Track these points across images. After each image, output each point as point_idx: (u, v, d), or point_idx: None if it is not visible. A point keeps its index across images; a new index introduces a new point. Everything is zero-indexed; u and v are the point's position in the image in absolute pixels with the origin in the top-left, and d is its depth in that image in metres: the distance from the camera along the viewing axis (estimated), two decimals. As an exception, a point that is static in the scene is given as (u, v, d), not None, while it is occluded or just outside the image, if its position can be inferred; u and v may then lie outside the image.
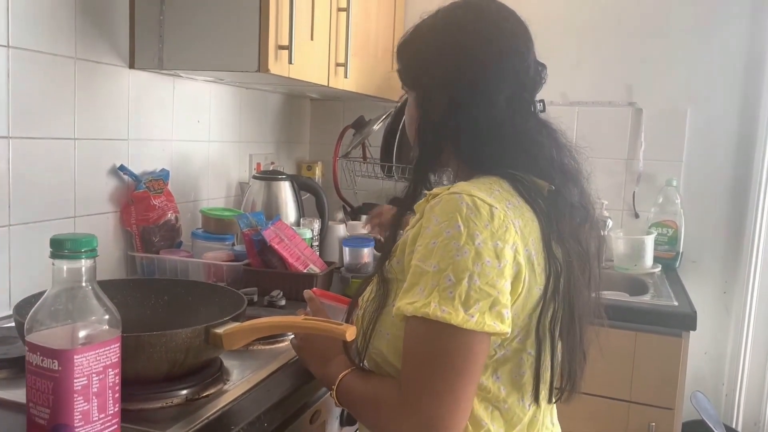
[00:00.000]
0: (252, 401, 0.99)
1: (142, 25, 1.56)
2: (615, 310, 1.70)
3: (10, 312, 1.28)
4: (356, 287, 1.03)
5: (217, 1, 1.51)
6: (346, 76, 1.87)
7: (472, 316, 0.79)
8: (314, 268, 1.56)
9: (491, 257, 0.81)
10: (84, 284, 0.73)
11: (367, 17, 2.09)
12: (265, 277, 1.52)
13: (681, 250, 2.22)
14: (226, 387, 1.02)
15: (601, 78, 2.31)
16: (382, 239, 1.53)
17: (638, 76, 2.27)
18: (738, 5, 2.16)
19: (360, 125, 2.22)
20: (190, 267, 1.60)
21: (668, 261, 2.20)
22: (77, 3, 1.42)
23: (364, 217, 1.79)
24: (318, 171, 2.49)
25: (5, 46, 1.26)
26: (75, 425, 0.70)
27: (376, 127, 2.19)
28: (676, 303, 1.75)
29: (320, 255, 1.71)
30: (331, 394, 0.95)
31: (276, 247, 1.52)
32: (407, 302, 0.82)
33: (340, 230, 1.90)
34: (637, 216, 2.31)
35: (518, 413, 0.91)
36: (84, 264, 0.72)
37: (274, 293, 1.46)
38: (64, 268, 0.72)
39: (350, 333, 0.87)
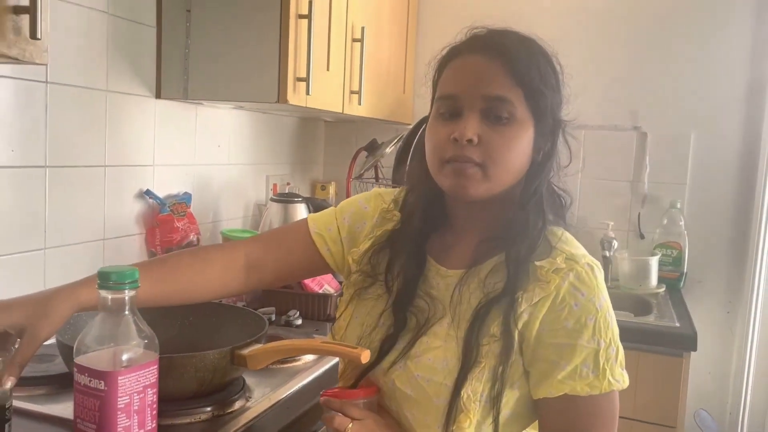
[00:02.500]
0: (273, 418, 1.06)
1: (168, 58, 1.65)
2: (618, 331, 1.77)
3: (45, 330, 1.37)
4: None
5: (239, 35, 1.60)
6: (359, 103, 1.96)
7: (625, 374, 0.87)
8: (329, 288, 1.63)
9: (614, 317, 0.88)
10: (126, 312, 0.81)
11: (379, 46, 2.17)
12: (282, 297, 1.60)
13: (685, 271, 2.28)
14: (248, 404, 1.09)
15: (606, 103, 2.38)
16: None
17: (643, 101, 2.34)
18: (740, 32, 2.23)
19: (373, 148, 2.30)
20: (211, 286, 1.68)
21: (672, 281, 2.26)
22: (109, 39, 1.51)
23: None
24: (332, 190, 2.57)
25: (44, 82, 1.36)
26: (118, 440, 0.78)
27: (388, 150, 2.27)
28: (678, 324, 1.81)
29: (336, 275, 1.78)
30: None
31: (293, 268, 1.60)
32: (581, 384, 0.82)
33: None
34: (642, 237, 2.37)
35: None
36: (127, 294, 0.80)
37: (291, 313, 1.54)
38: (109, 297, 0.80)
39: (365, 356, 0.92)
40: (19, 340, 0.82)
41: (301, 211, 1.91)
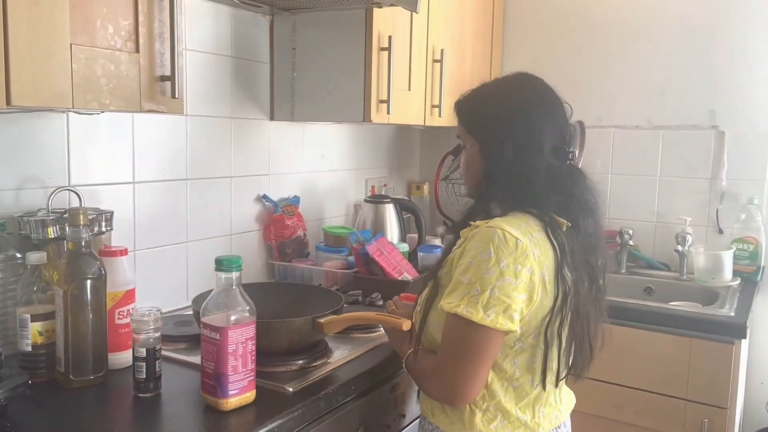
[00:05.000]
0: (345, 371, 1.39)
1: (279, 88, 2.04)
2: (672, 319, 1.95)
3: (188, 303, 1.80)
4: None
5: (332, 67, 1.95)
6: (440, 115, 2.25)
7: (489, 316, 1.11)
8: (407, 276, 1.95)
9: (510, 276, 1.11)
10: (234, 287, 1.17)
11: (463, 60, 2.44)
12: (368, 282, 1.94)
13: (762, 264, 2.35)
14: (329, 360, 1.43)
15: (685, 103, 2.49)
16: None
17: (721, 101, 2.42)
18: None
19: (458, 151, 2.57)
20: (314, 273, 2.05)
21: (749, 275, 2.34)
22: (232, 76, 1.92)
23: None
24: (426, 189, 2.87)
25: (184, 115, 1.78)
26: (228, 374, 1.15)
27: (472, 153, 2.54)
28: (732, 314, 1.94)
29: (416, 265, 2.10)
30: (402, 363, 1.32)
31: (377, 259, 1.93)
32: (447, 302, 1.15)
33: (437, 243, 2.27)
34: (721, 232, 2.45)
35: (526, 390, 1.21)
36: (234, 275, 1.16)
37: (374, 295, 1.87)
38: (222, 276, 1.17)
39: (405, 325, 1.25)
40: None
41: (389, 211, 2.24)
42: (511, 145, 1.22)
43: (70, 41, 1.08)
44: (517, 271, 1.11)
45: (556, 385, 1.25)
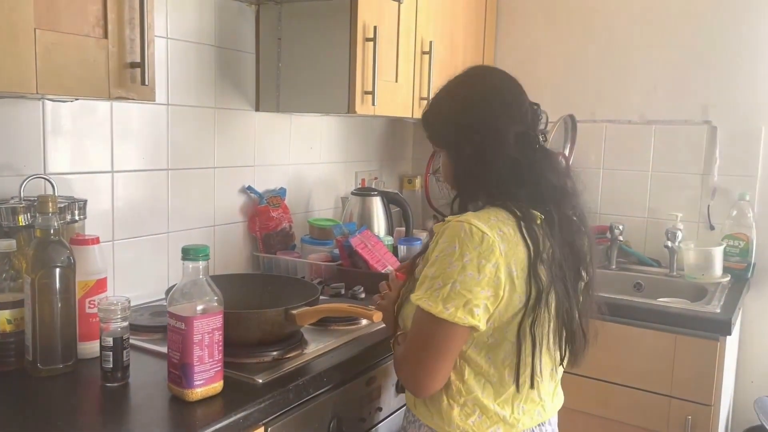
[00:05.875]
0: (319, 363, 1.38)
1: (264, 79, 2.03)
2: (657, 315, 1.93)
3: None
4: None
5: (317, 58, 1.93)
6: (429, 108, 2.22)
7: (447, 309, 1.10)
8: (391, 269, 1.93)
9: (473, 271, 1.10)
10: (201, 276, 1.16)
11: (454, 52, 2.42)
12: (351, 274, 1.92)
13: (753, 261, 2.32)
14: (304, 352, 1.41)
15: (677, 98, 2.46)
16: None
17: (714, 96, 2.39)
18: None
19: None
20: (298, 265, 2.04)
21: (740, 272, 2.31)
22: (216, 66, 1.91)
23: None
24: (418, 183, 2.86)
25: (165, 105, 1.77)
26: (194, 364, 1.13)
27: (463, 147, 2.52)
28: (718, 310, 1.91)
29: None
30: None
31: (360, 251, 1.92)
32: (415, 295, 1.16)
33: (424, 237, 2.25)
34: (712, 228, 2.42)
35: (504, 386, 1.19)
36: (201, 264, 1.15)
37: (356, 288, 1.85)
38: (190, 266, 1.15)
39: (376, 316, 1.24)
40: None
41: (376, 203, 2.23)
42: (469, 144, 1.22)
43: (34, 26, 1.06)
44: (481, 266, 1.10)
45: (532, 386, 1.20)
